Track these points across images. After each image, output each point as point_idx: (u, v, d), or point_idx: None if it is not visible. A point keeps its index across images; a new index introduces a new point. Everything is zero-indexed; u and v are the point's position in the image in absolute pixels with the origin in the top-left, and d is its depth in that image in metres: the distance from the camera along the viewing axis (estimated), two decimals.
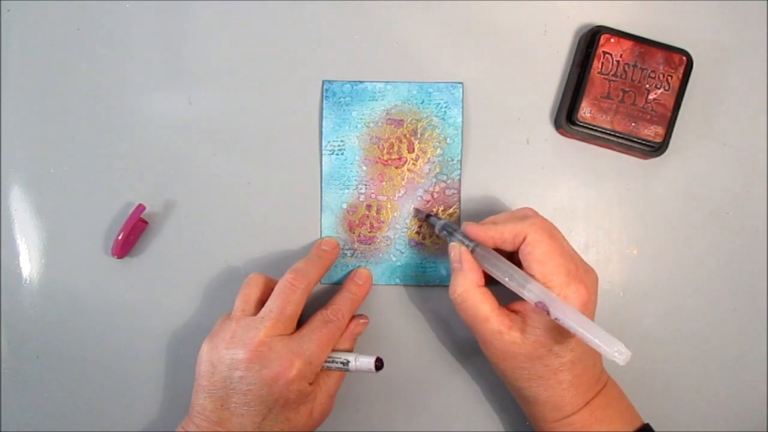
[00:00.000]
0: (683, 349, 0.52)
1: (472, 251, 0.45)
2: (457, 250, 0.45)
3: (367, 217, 0.51)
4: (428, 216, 0.50)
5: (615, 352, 0.38)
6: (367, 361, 0.46)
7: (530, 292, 0.42)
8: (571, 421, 0.43)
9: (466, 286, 0.44)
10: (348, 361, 0.46)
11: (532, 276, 0.42)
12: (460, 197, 0.51)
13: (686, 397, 0.52)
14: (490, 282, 0.45)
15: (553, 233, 0.44)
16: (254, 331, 0.43)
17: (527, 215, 0.45)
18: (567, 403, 0.43)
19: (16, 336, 0.52)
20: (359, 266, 0.51)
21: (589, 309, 0.43)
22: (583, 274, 0.43)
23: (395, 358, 0.51)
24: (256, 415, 0.43)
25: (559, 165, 0.52)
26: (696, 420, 0.52)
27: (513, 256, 0.45)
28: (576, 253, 0.45)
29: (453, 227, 0.48)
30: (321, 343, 0.45)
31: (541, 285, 0.42)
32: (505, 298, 0.45)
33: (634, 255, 0.52)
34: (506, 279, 0.43)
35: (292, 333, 0.45)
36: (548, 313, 0.40)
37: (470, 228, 0.45)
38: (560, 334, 0.42)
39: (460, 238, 0.46)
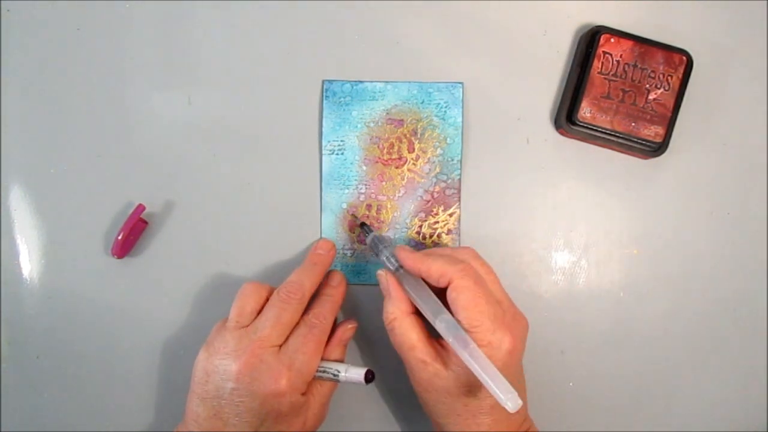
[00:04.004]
0: (683, 349, 0.52)
1: (396, 271, 0.45)
2: (383, 278, 0.45)
3: (367, 217, 0.51)
4: (363, 224, 0.50)
5: (508, 401, 0.37)
6: (357, 373, 0.45)
7: (441, 322, 0.41)
8: None
9: (396, 314, 0.44)
10: (339, 372, 0.45)
11: (458, 321, 0.41)
12: (460, 197, 0.51)
13: (686, 397, 0.52)
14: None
15: (478, 279, 0.42)
16: (247, 343, 0.43)
17: (461, 259, 0.44)
18: None
19: (16, 336, 0.52)
20: (333, 270, 0.51)
21: (515, 357, 0.42)
22: (510, 321, 0.43)
23: (395, 357, 0.50)
24: (249, 426, 0.43)
25: (559, 165, 0.52)
26: (696, 420, 0.52)
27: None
28: (507, 299, 0.44)
29: (383, 243, 0.47)
30: (309, 351, 0.44)
31: (453, 319, 0.42)
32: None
33: (634, 255, 0.52)
34: (422, 306, 0.43)
35: (282, 344, 0.45)
36: (455, 348, 0.40)
37: (401, 253, 0.45)
38: None
39: (386, 255, 0.46)
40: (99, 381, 0.52)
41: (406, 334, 0.43)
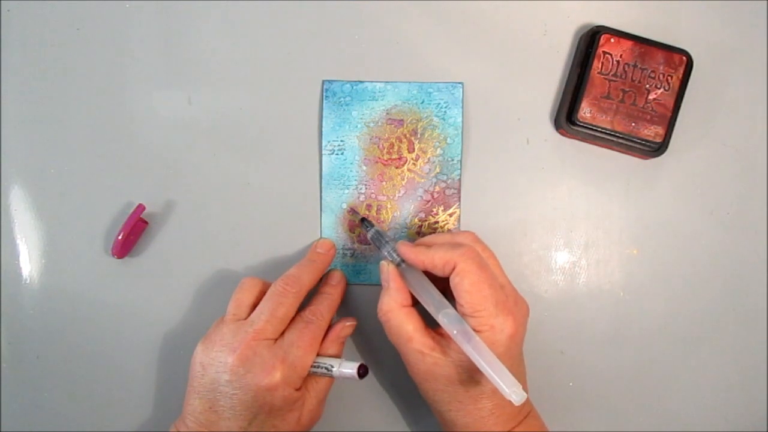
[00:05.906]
0: (683, 349, 0.52)
1: (398, 265, 0.45)
2: (386, 269, 0.45)
3: (367, 216, 0.51)
4: (363, 219, 0.50)
5: (513, 394, 0.38)
6: (350, 367, 0.45)
7: (445, 317, 0.42)
8: None
9: (391, 306, 0.44)
10: (332, 367, 0.45)
11: (461, 305, 0.42)
12: (460, 197, 0.51)
13: (686, 397, 0.52)
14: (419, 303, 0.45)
15: (482, 263, 0.43)
16: (242, 335, 0.43)
17: (461, 243, 0.44)
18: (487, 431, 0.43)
19: (16, 336, 0.52)
20: (332, 269, 0.51)
21: (516, 341, 0.43)
22: (512, 305, 0.43)
23: (394, 357, 0.50)
24: (242, 420, 0.43)
25: (559, 165, 0.52)
26: (696, 420, 0.52)
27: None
28: (509, 283, 0.45)
29: (384, 238, 0.47)
30: (304, 346, 0.44)
31: (457, 313, 0.42)
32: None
33: (634, 255, 0.52)
34: (425, 300, 0.43)
35: (278, 338, 0.45)
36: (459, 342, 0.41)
37: (403, 248, 0.45)
38: None
39: (389, 250, 0.46)
40: (99, 381, 0.52)
41: (402, 326, 0.44)
